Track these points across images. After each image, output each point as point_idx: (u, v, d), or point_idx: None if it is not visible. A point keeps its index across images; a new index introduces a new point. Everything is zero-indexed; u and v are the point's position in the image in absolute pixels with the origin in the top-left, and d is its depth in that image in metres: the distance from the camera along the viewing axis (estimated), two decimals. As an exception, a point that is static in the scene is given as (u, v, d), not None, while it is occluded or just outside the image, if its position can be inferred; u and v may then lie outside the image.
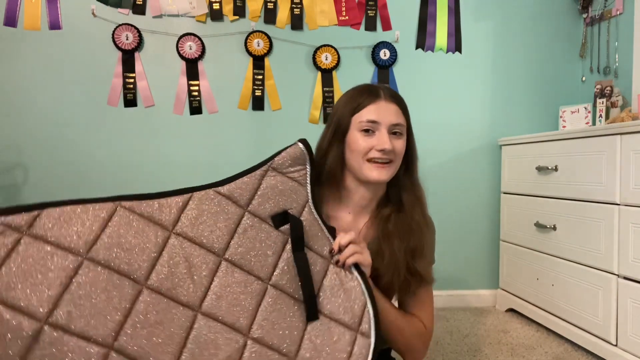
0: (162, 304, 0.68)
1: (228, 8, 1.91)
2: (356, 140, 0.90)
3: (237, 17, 1.92)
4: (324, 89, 1.96)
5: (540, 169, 1.70)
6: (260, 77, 1.94)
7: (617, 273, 1.37)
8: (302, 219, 0.83)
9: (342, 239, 0.83)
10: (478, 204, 2.07)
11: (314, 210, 0.85)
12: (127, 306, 0.65)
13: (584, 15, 2.08)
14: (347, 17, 1.98)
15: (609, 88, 1.87)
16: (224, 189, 0.81)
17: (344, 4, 1.98)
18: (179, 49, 1.88)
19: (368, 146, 0.89)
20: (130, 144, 1.89)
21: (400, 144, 0.91)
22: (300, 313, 0.77)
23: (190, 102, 1.91)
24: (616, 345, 1.37)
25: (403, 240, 0.92)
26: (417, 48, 2.03)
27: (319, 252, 0.83)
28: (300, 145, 0.86)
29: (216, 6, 1.90)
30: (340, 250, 0.83)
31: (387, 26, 2.01)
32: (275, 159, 0.85)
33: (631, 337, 1.31)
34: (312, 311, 0.77)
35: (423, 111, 2.03)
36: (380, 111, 0.90)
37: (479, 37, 2.06)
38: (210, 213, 0.78)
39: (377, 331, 0.79)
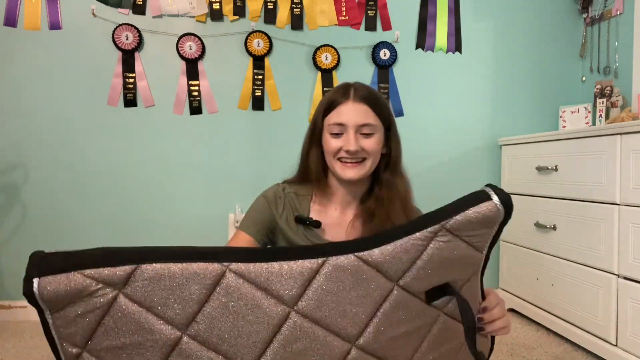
0: None
1: (228, 8, 1.91)
2: (327, 142, 0.93)
3: (237, 17, 1.92)
4: (324, 89, 1.96)
5: (540, 169, 1.70)
6: (260, 77, 1.94)
7: (617, 273, 1.37)
8: (465, 288, 0.65)
9: (496, 311, 0.75)
10: (478, 204, 2.07)
11: (479, 274, 0.68)
12: None
13: (584, 15, 2.08)
14: (347, 17, 1.98)
15: (609, 88, 1.87)
16: (372, 256, 0.60)
17: (344, 4, 1.98)
18: (179, 49, 1.88)
19: (337, 147, 0.91)
20: (130, 144, 1.89)
21: (369, 143, 0.92)
22: None
23: (190, 102, 1.91)
24: (616, 345, 1.37)
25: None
26: (417, 48, 2.03)
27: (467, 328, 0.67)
28: (497, 203, 0.62)
29: (216, 6, 1.90)
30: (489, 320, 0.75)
31: (387, 26, 2.01)
32: (455, 218, 0.61)
33: (631, 337, 1.31)
34: None
35: (423, 111, 2.03)
36: (347, 113, 0.91)
37: (479, 37, 2.06)
38: (347, 288, 0.59)
39: None
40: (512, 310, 1.95)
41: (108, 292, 0.55)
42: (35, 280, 0.53)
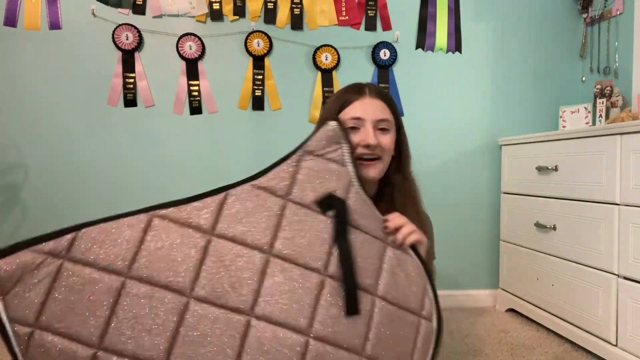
0: (212, 314, 0.64)
1: (228, 8, 1.91)
2: None
3: (237, 17, 1.92)
4: (324, 89, 1.96)
5: (540, 169, 1.70)
6: (260, 77, 1.94)
7: (617, 273, 1.37)
8: (349, 200, 0.77)
9: (397, 218, 0.80)
10: (478, 204, 2.07)
11: (360, 189, 0.79)
12: (175, 320, 0.63)
13: (584, 15, 2.08)
14: (347, 17, 1.98)
15: (609, 88, 1.87)
16: (260, 181, 0.75)
17: (344, 4, 1.98)
18: (179, 49, 1.88)
19: (354, 143, 0.89)
20: (130, 144, 1.89)
21: (386, 139, 0.91)
22: (363, 305, 0.71)
23: (190, 102, 1.91)
24: (616, 345, 1.37)
25: None
26: (417, 48, 2.03)
27: (374, 233, 0.78)
28: (333, 123, 0.81)
29: (216, 6, 1.90)
30: (396, 230, 0.80)
31: (387, 26, 2.01)
32: (309, 142, 0.79)
33: (631, 337, 1.31)
34: (351, 306, 0.70)
35: (423, 111, 2.03)
36: (364, 107, 0.90)
37: (479, 37, 2.06)
38: (249, 209, 0.72)
39: (439, 312, 0.76)
40: (512, 310, 1.96)
41: (54, 261, 0.61)
42: None
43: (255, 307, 0.66)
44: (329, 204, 0.75)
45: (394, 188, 0.95)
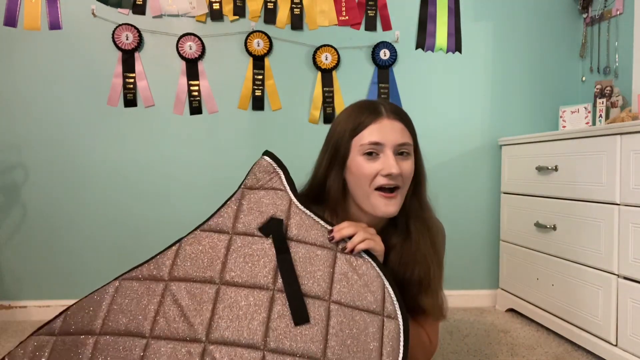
0: (170, 347, 0.71)
1: (228, 8, 1.91)
2: (359, 166, 0.82)
3: (237, 17, 1.92)
4: (324, 89, 1.96)
5: (540, 169, 1.70)
6: (260, 77, 1.94)
7: (617, 273, 1.37)
8: (291, 218, 0.82)
9: (345, 229, 0.78)
10: (478, 204, 2.07)
11: (300, 206, 0.83)
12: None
13: (584, 15, 2.08)
14: (347, 17, 1.98)
15: (609, 88, 1.87)
16: (207, 224, 0.83)
17: (344, 4, 1.98)
18: (179, 49, 1.88)
19: (373, 172, 0.81)
20: (130, 144, 1.89)
21: (408, 166, 0.83)
22: (317, 312, 0.74)
23: (190, 102, 1.91)
24: (616, 345, 1.37)
25: (406, 272, 0.87)
26: (417, 48, 2.03)
27: (321, 244, 0.80)
28: (265, 157, 0.90)
29: (216, 6, 1.90)
30: (346, 239, 0.79)
31: (387, 26, 2.01)
32: (246, 180, 0.87)
33: (631, 337, 1.31)
34: (298, 314, 0.73)
35: (423, 111, 2.03)
36: (383, 131, 0.82)
37: (479, 37, 2.06)
38: (199, 250, 0.80)
39: (403, 311, 0.76)
40: (512, 310, 1.96)
41: (51, 338, 0.74)
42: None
43: (210, 334, 0.71)
44: (270, 226, 0.81)
45: (409, 216, 0.89)
